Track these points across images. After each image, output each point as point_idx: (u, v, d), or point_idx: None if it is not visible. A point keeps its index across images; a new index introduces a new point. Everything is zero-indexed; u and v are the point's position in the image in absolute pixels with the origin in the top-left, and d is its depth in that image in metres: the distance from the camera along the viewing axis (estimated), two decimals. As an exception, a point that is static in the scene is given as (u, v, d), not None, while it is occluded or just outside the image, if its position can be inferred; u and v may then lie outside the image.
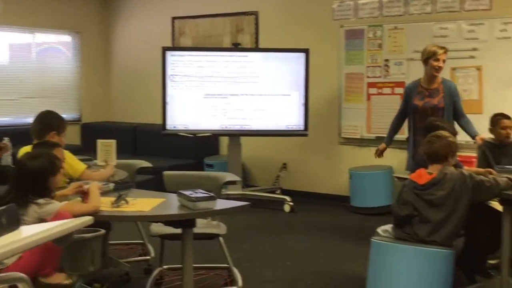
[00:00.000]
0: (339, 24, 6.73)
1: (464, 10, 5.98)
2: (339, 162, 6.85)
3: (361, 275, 3.55)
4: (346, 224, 5.89)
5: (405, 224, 3.43)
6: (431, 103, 4.76)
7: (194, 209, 2.97)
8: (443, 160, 3.37)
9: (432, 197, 3.29)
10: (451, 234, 3.30)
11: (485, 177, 3.42)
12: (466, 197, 3.31)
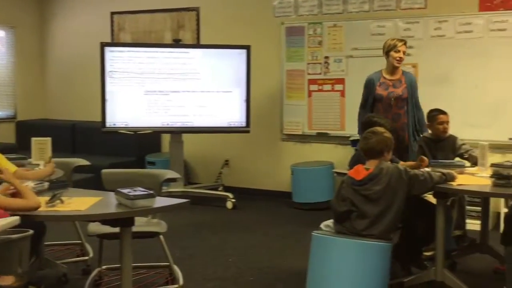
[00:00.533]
0: (280, 21, 6.77)
1: (400, 9, 6.14)
2: (281, 158, 6.90)
3: (303, 269, 3.58)
4: (288, 219, 5.94)
5: (344, 220, 3.49)
6: (395, 93, 4.88)
7: (132, 207, 2.92)
8: (379, 156, 3.44)
9: (369, 192, 3.36)
10: (388, 228, 3.37)
11: (419, 172, 3.52)
12: (402, 191, 3.39)
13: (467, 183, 3.65)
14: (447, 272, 3.66)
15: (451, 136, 4.60)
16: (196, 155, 7.33)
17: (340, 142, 6.49)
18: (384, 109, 4.87)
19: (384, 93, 4.87)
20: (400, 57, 4.84)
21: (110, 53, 6.31)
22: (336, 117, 6.54)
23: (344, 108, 6.47)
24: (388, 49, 4.88)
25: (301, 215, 6.09)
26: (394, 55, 4.84)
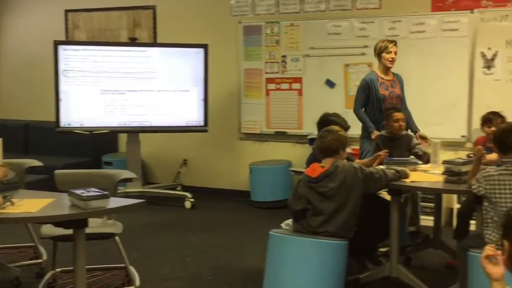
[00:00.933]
0: (237, 20, 6.77)
1: (356, 9, 6.22)
2: (239, 157, 6.91)
3: (261, 268, 3.59)
4: (247, 218, 5.95)
5: (301, 218, 3.52)
6: (395, 93, 4.93)
7: (85, 209, 2.87)
8: (335, 154, 3.48)
9: (325, 189, 3.39)
10: (344, 225, 3.40)
11: (374, 169, 3.57)
12: (358, 188, 3.43)
13: (420, 180, 3.72)
14: (401, 267, 3.72)
15: (407, 134, 4.69)
16: (154, 155, 7.26)
17: (298, 141, 6.53)
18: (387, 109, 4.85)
19: (386, 93, 4.87)
20: (392, 57, 4.86)
21: (64, 51, 6.18)
22: (294, 116, 6.58)
23: (302, 107, 6.52)
24: (379, 51, 4.89)
25: (260, 214, 6.11)
26: (386, 56, 4.85)
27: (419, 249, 4.49)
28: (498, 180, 3.15)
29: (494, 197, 3.14)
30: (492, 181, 3.16)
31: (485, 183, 3.18)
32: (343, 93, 6.28)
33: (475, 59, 5.62)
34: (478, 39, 5.60)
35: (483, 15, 5.57)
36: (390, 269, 3.72)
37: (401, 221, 4.20)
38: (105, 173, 3.99)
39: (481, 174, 3.23)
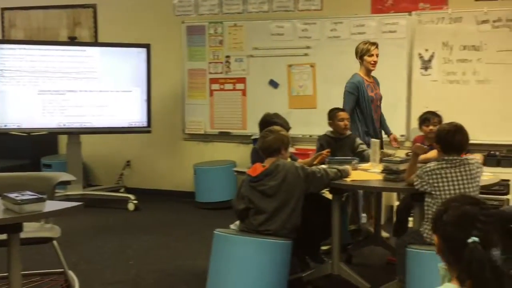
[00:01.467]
0: (181, 19, 6.72)
1: (298, 10, 6.28)
2: (183, 158, 6.85)
3: (205, 269, 3.57)
4: (191, 220, 5.91)
5: (244, 218, 3.53)
6: (379, 94, 4.96)
7: (20, 213, 2.77)
8: (276, 153, 3.50)
9: (265, 187, 3.41)
10: (285, 223, 3.42)
11: (316, 169, 3.61)
12: (299, 187, 3.46)
13: (360, 179, 3.79)
14: (343, 265, 3.78)
15: (351, 135, 4.75)
16: (96, 156, 7.11)
17: (242, 141, 6.54)
18: (374, 110, 4.89)
19: (372, 95, 4.88)
20: (374, 60, 4.84)
21: (0, 50, 5.97)
22: (238, 116, 6.58)
23: (246, 107, 6.53)
24: (361, 54, 4.86)
25: (205, 215, 6.08)
26: (368, 59, 4.83)
27: (360, 247, 4.57)
28: (440, 174, 3.24)
29: (437, 191, 3.23)
30: (434, 175, 3.25)
31: (428, 178, 3.26)
32: (287, 93, 6.34)
33: (413, 61, 5.78)
34: (415, 41, 5.75)
35: (420, 17, 5.73)
36: (331, 267, 3.77)
37: (343, 220, 4.28)
38: (42, 176, 3.88)
39: (423, 170, 3.30)
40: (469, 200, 1.80)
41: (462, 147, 3.33)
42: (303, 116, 6.18)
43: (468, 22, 5.55)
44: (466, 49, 5.58)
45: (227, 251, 3.44)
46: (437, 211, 1.84)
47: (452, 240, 1.74)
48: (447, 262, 1.77)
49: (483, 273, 1.63)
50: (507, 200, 5.27)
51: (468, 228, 1.70)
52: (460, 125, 3.38)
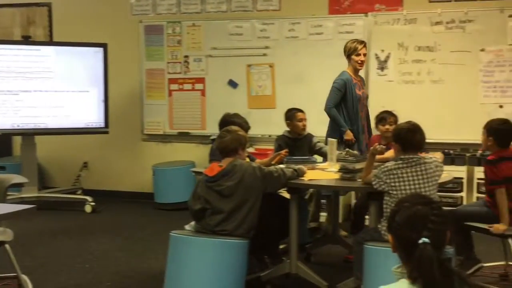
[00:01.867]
0: (138, 19, 6.65)
1: (257, 10, 6.29)
2: (142, 159, 6.78)
3: (163, 271, 3.54)
4: (150, 221, 5.85)
5: (201, 218, 3.51)
6: (365, 93, 4.95)
7: (-32, 216, 2.70)
8: (234, 153, 3.49)
9: (222, 187, 3.40)
10: (242, 223, 3.41)
11: (273, 169, 3.62)
12: (256, 187, 3.46)
13: (318, 178, 3.82)
14: (300, 264, 3.80)
15: (308, 134, 4.79)
16: (52, 158, 6.97)
17: (202, 141, 6.51)
18: (361, 108, 4.88)
19: (360, 93, 4.86)
20: (361, 60, 4.81)
21: (-49, 49, 5.81)
22: (197, 117, 6.55)
23: (205, 108, 6.50)
24: (349, 53, 4.82)
25: (164, 216, 6.03)
26: (356, 58, 4.79)
27: (319, 245, 4.60)
28: (397, 173, 3.29)
29: (394, 190, 3.27)
30: (392, 174, 3.30)
31: (385, 178, 3.31)
32: (246, 94, 6.34)
33: (369, 61, 5.84)
34: (372, 41, 5.83)
35: (376, 18, 5.81)
36: (289, 266, 3.78)
37: (302, 219, 4.30)
38: (-7, 178, 3.77)
39: (381, 170, 3.35)
40: (421, 200, 1.83)
41: (420, 146, 3.40)
42: (262, 116, 6.20)
43: (423, 23, 5.66)
44: (421, 50, 5.69)
45: (183, 252, 3.42)
46: (391, 211, 1.87)
47: (404, 240, 1.77)
48: (401, 259, 1.81)
49: (433, 273, 1.67)
50: (461, 197, 5.40)
51: (419, 228, 1.74)
52: (417, 124, 3.45)
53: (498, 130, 3.70)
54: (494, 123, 3.77)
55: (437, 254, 1.70)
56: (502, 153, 3.69)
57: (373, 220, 3.61)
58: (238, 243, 3.39)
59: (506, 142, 3.71)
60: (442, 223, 1.78)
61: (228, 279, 3.36)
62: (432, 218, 1.76)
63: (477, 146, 5.52)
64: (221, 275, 3.34)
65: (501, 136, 3.70)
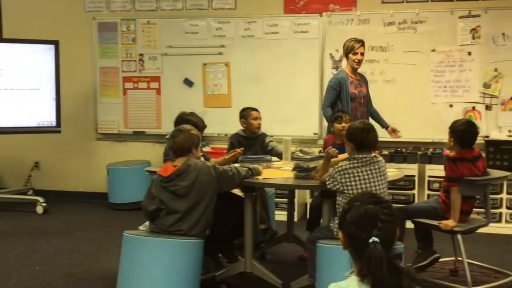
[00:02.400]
0: (91, 16, 6.54)
1: (212, 8, 6.27)
2: (96, 158, 6.67)
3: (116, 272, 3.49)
4: (104, 221, 5.76)
5: (155, 218, 3.48)
6: (363, 92, 4.87)
7: None
8: (187, 152, 3.47)
9: (176, 187, 3.38)
10: (197, 223, 3.40)
11: (228, 168, 3.61)
12: (211, 186, 3.45)
13: (272, 177, 3.83)
14: (255, 262, 3.80)
15: (262, 134, 4.79)
16: (1, 158, 6.77)
17: (158, 141, 6.45)
18: (355, 107, 4.82)
19: (355, 92, 4.81)
20: (358, 59, 4.79)
21: None
22: (152, 115, 6.49)
23: (160, 106, 6.45)
24: (346, 51, 4.83)
25: (118, 216, 5.95)
26: (353, 57, 4.78)
27: (274, 244, 4.61)
28: (352, 173, 3.33)
29: (349, 190, 3.31)
30: (347, 174, 3.33)
31: (340, 177, 3.34)
32: (202, 92, 6.31)
33: (324, 60, 5.92)
34: (327, 41, 5.90)
35: (331, 18, 5.88)
36: (244, 265, 3.78)
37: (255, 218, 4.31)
38: None
39: (335, 170, 3.38)
40: (371, 199, 1.85)
41: (373, 145, 3.45)
42: (218, 115, 6.19)
43: (376, 23, 5.76)
44: (374, 50, 5.78)
45: (137, 252, 3.38)
46: (342, 209, 1.89)
47: (354, 238, 1.79)
48: (352, 257, 1.83)
49: (381, 271, 1.70)
50: (413, 194, 5.51)
51: (369, 227, 1.77)
52: (370, 124, 3.50)
53: (459, 132, 3.79)
54: (457, 124, 3.87)
55: (386, 252, 1.73)
56: (464, 153, 3.77)
57: (327, 218, 3.65)
58: (192, 243, 3.37)
59: (467, 143, 3.80)
60: (391, 222, 1.81)
61: (183, 279, 3.34)
62: (382, 217, 1.79)
63: (428, 145, 5.67)
64: (176, 275, 3.31)
65: (462, 137, 3.79)
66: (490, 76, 5.56)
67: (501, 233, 5.20)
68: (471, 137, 3.80)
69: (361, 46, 4.82)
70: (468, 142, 3.79)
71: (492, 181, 3.67)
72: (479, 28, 5.54)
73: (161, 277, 3.31)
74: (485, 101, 5.59)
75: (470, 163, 3.75)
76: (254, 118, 4.69)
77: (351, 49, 4.81)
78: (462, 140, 3.78)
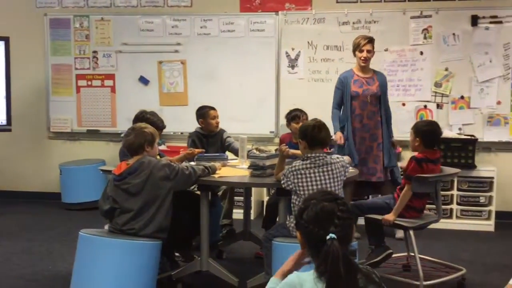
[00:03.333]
0: (43, 12, 6.38)
1: (168, 6, 6.21)
2: (48, 157, 6.53)
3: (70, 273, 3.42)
4: (57, 221, 5.64)
5: (110, 218, 3.43)
6: (370, 90, 4.80)
7: None
8: (141, 151, 3.43)
9: (128, 185, 3.34)
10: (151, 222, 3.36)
11: (184, 166, 3.58)
12: (165, 185, 3.41)
13: (228, 175, 3.83)
14: (212, 261, 3.78)
15: (220, 130, 4.78)
16: (-51, 157, 6.56)
17: (112, 139, 6.36)
18: (359, 106, 4.79)
19: (359, 90, 4.78)
20: (364, 57, 4.76)
21: None
22: (107, 114, 6.38)
23: (115, 104, 6.35)
24: (354, 49, 4.82)
25: (71, 216, 5.83)
26: (359, 54, 4.78)
27: (231, 242, 4.61)
28: (305, 173, 3.34)
29: (301, 190, 3.33)
30: (299, 174, 3.35)
31: (293, 177, 3.36)
32: (157, 90, 6.25)
33: (280, 59, 5.95)
34: (283, 39, 5.92)
35: (286, 17, 5.91)
36: (200, 264, 3.77)
37: (214, 216, 4.30)
38: None
39: (289, 170, 3.39)
40: (327, 197, 1.88)
41: (325, 142, 3.48)
42: (174, 113, 6.15)
43: (331, 23, 5.82)
44: (329, 49, 5.84)
45: (92, 253, 3.33)
46: (298, 209, 1.91)
47: (312, 236, 1.81)
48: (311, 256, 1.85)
49: (338, 268, 1.72)
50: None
51: (326, 224, 1.79)
52: (322, 122, 3.53)
53: (423, 132, 3.85)
54: (420, 124, 3.94)
55: (343, 249, 1.75)
56: (429, 154, 3.83)
57: (282, 216, 3.67)
58: (148, 244, 3.34)
59: (431, 143, 3.87)
60: (348, 218, 1.84)
61: (138, 279, 3.30)
62: (339, 214, 1.81)
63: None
64: (131, 275, 3.27)
65: (426, 137, 3.85)
66: (441, 75, 5.69)
67: (452, 229, 5.34)
68: (436, 137, 3.88)
69: (367, 44, 4.80)
70: (432, 142, 3.87)
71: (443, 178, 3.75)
72: (431, 28, 5.67)
73: (116, 277, 3.26)
74: (436, 100, 5.72)
75: (433, 164, 3.83)
76: (212, 117, 4.67)
77: (357, 46, 4.83)
78: (427, 140, 3.85)
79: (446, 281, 3.82)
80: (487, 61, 5.59)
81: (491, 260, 4.44)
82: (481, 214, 5.44)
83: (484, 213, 5.44)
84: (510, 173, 5.62)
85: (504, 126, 5.61)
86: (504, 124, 5.61)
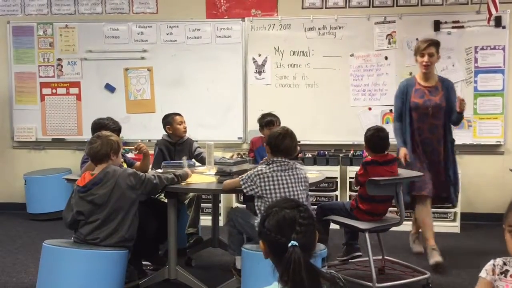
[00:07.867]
0: (5, 19, 6.28)
1: (133, 13, 6.16)
2: (12, 167, 6.40)
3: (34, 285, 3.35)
4: (22, 232, 5.52)
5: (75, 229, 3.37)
6: (433, 101, 4.32)
7: None
8: (106, 159, 3.38)
9: (94, 196, 3.28)
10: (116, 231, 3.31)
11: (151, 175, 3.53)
12: (131, 194, 3.36)
13: (196, 182, 3.80)
14: (179, 269, 3.75)
15: (188, 139, 4.75)
16: None
17: (78, 148, 6.26)
18: (419, 119, 4.34)
19: (419, 101, 4.32)
20: (425, 61, 4.29)
21: None
22: (73, 122, 6.30)
23: (81, 112, 6.27)
24: (414, 53, 4.38)
25: (36, 227, 5.72)
26: (419, 59, 4.33)
27: (199, 249, 4.58)
28: (271, 177, 3.34)
29: (267, 194, 3.32)
30: (266, 178, 3.34)
31: (259, 182, 3.35)
32: (124, 98, 6.19)
33: (247, 65, 5.95)
34: (249, 45, 5.93)
35: (253, 23, 5.92)
36: (168, 272, 3.73)
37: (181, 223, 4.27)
38: None
39: (254, 173, 3.38)
40: (289, 204, 1.87)
41: (287, 152, 3.47)
42: (141, 121, 6.11)
43: (297, 29, 5.85)
44: (296, 55, 5.88)
45: (56, 264, 3.26)
46: (261, 217, 1.90)
47: (274, 244, 1.80)
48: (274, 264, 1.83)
49: (301, 275, 1.70)
50: (336, 196, 5.63)
51: (288, 231, 1.78)
52: (290, 130, 3.53)
53: (366, 138, 3.97)
54: (367, 131, 4.01)
55: (305, 257, 1.74)
56: (377, 157, 3.91)
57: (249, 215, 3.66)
58: (113, 254, 3.29)
59: (376, 147, 3.94)
60: (309, 225, 1.83)
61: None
62: (300, 221, 1.80)
63: (349, 147, 5.81)
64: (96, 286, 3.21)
65: (370, 143, 3.95)
66: (406, 79, 5.77)
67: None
68: (379, 141, 3.94)
69: (428, 47, 4.29)
70: (377, 146, 3.94)
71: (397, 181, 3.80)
72: (395, 33, 5.75)
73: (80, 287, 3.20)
74: (401, 104, 5.79)
75: (382, 166, 3.88)
76: (179, 123, 4.65)
77: (417, 50, 4.36)
78: (373, 146, 3.94)
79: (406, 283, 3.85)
80: (450, 65, 5.69)
81: (457, 261, 4.51)
82: (447, 215, 5.52)
83: (450, 215, 5.52)
84: (474, 175, 5.72)
85: (468, 129, 5.72)
86: (467, 127, 5.71)
